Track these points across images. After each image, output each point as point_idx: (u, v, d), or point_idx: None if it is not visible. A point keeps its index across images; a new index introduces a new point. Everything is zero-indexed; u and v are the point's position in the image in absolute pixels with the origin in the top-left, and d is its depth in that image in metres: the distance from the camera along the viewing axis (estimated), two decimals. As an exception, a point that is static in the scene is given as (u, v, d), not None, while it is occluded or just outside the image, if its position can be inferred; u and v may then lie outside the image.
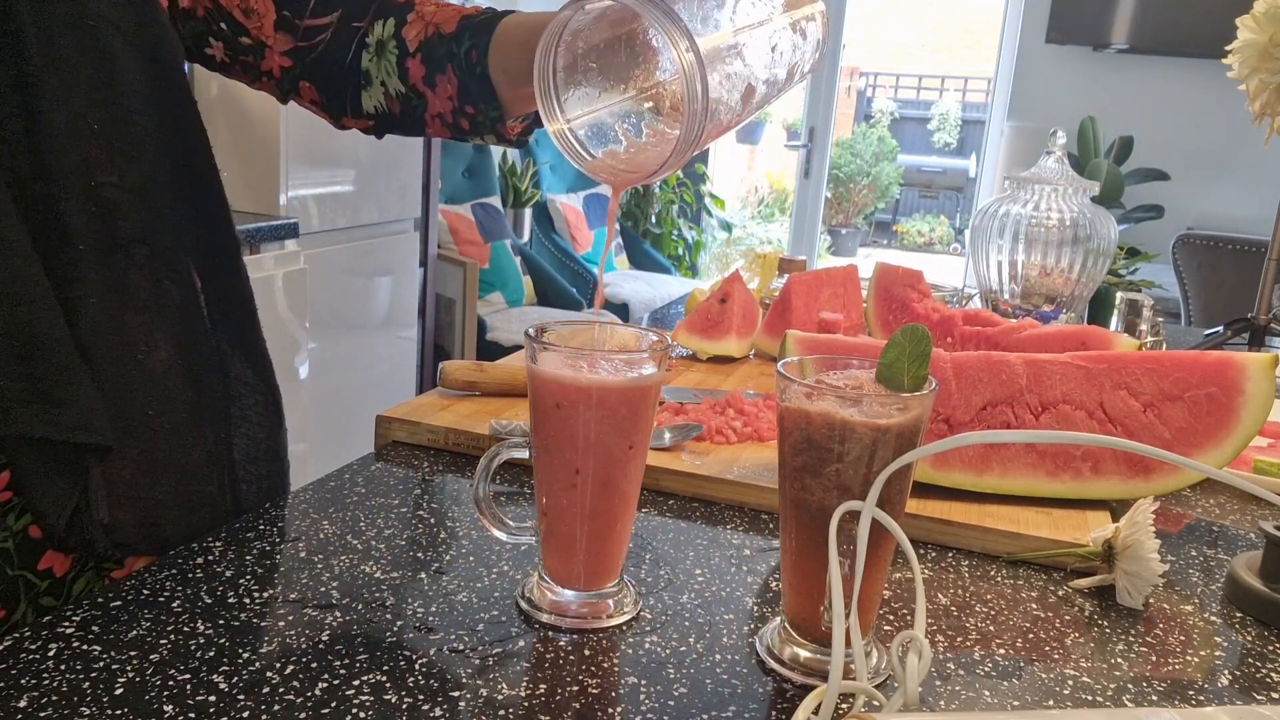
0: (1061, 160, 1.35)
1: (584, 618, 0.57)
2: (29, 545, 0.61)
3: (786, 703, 0.51)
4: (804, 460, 0.51)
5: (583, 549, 0.57)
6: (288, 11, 0.78)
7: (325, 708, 0.47)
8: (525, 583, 0.60)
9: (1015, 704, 0.52)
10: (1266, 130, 1.23)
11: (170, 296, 0.68)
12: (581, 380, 0.54)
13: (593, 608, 0.58)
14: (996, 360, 0.79)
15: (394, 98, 0.81)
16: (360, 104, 0.82)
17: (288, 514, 0.69)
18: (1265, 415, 0.74)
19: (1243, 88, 1.23)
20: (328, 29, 0.80)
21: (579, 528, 0.57)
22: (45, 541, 0.61)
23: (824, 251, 7.55)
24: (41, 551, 0.62)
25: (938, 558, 0.69)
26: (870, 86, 10.82)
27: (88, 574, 0.65)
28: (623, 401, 0.55)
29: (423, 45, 0.79)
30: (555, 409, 0.55)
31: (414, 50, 0.79)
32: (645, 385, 0.56)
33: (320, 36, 0.80)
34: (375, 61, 0.81)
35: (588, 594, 0.58)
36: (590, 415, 0.55)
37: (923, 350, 0.51)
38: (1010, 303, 1.37)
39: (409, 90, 0.80)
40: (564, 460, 0.56)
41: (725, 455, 0.81)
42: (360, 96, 0.82)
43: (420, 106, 0.81)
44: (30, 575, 0.61)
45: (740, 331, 1.14)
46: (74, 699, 0.47)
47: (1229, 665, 0.57)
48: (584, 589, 0.58)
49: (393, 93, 0.81)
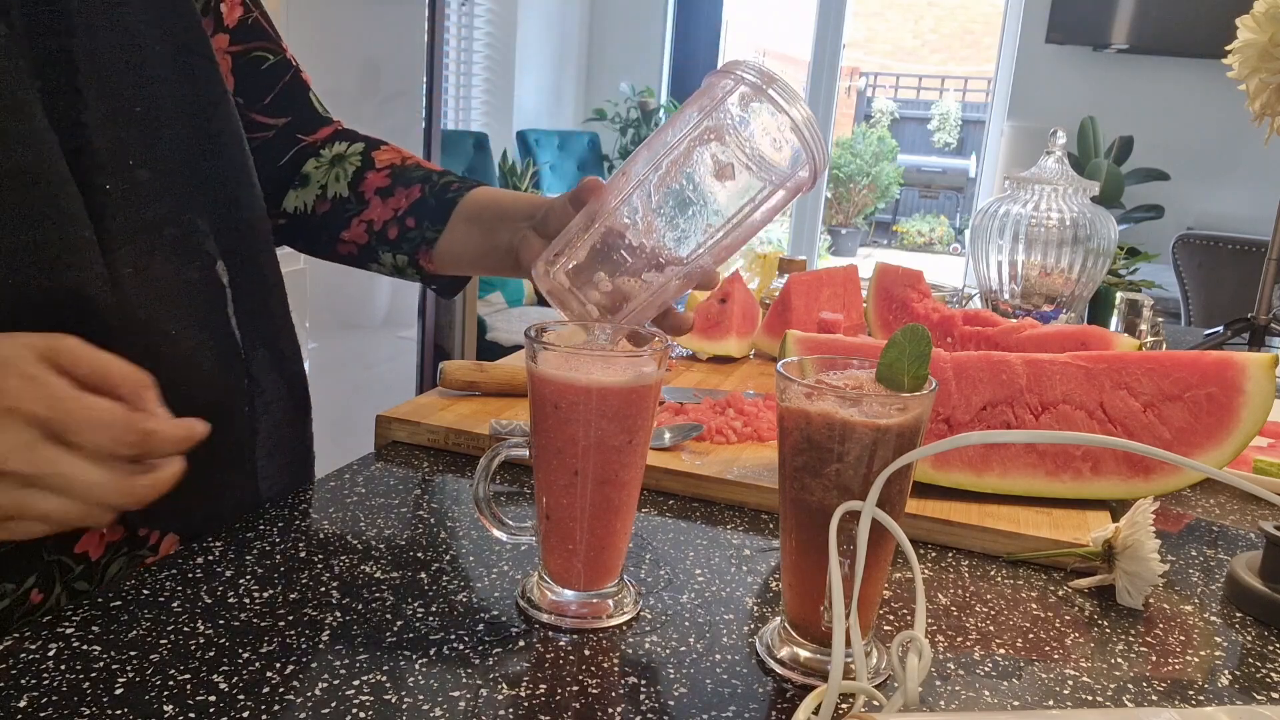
0: (1061, 160, 1.35)
1: (584, 618, 0.57)
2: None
3: (786, 703, 0.51)
4: (804, 460, 0.51)
5: (583, 549, 0.57)
6: (242, 99, 0.81)
7: (325, 708, 0.47)
8: (525, 583, 0.60)
9: (1015, 704, 0.52)
10: (1266, 130, 1.23)
11: (194, 282, 0.68)
12: (581, 380, 0.54)
13: (593, 608, 0.58)
14: (996, 360, 0.79)
15: (327, 200, 0.85)
16: (281, 201, 0.86)
17: (288, 514, 0.69)
18: (1265, 415, 0.74)
19: (1243, 88, 1.23)
20: (272, 130, 0.85)
21: (579, 527, 0.57)
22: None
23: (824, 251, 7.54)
24: (78, 535, 0.62)
25: (938, 558, 0.69)
26: (870, 86, 10.82)
27: (120, 559, 0.65)
28: (623, 402, 0.55)
29: (395, 168, 0.85)
30: (554, 409, 0.55)
31: (381, 168, 0.85)
32: (645, 385, 0.55)
33: (262, 133, 0.84)
34: (324, 169, 0.86)
35: (588, 594, 0.58)
36: (590, 415, 0.55)
37: (923, 350, 0.51)
38: (1010, 303, 1.37)
39: (352, 195, 0.85)
40: (564, 460, 0.56)
41: (725, 455, 0.81)
42: (285, 194, 0.86)
43: (352, 212, 0.85)
44: (66, 559, 0.62)
45: (740, 331, 1.14)
46: (74, 699, 0.47)
47: (1229, 665, 0.57)
48: (584, 589, 0.58)
49: (329, 195, 0.85)
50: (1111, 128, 3.70)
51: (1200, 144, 3.92)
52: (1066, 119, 3.52)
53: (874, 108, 10.24)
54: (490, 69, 4.26)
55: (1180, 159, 3.86)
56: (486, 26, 4.20)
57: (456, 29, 4.06)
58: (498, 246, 0.80)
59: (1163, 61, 3.90)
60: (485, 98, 4.28)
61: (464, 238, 0.82)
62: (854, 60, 10.25)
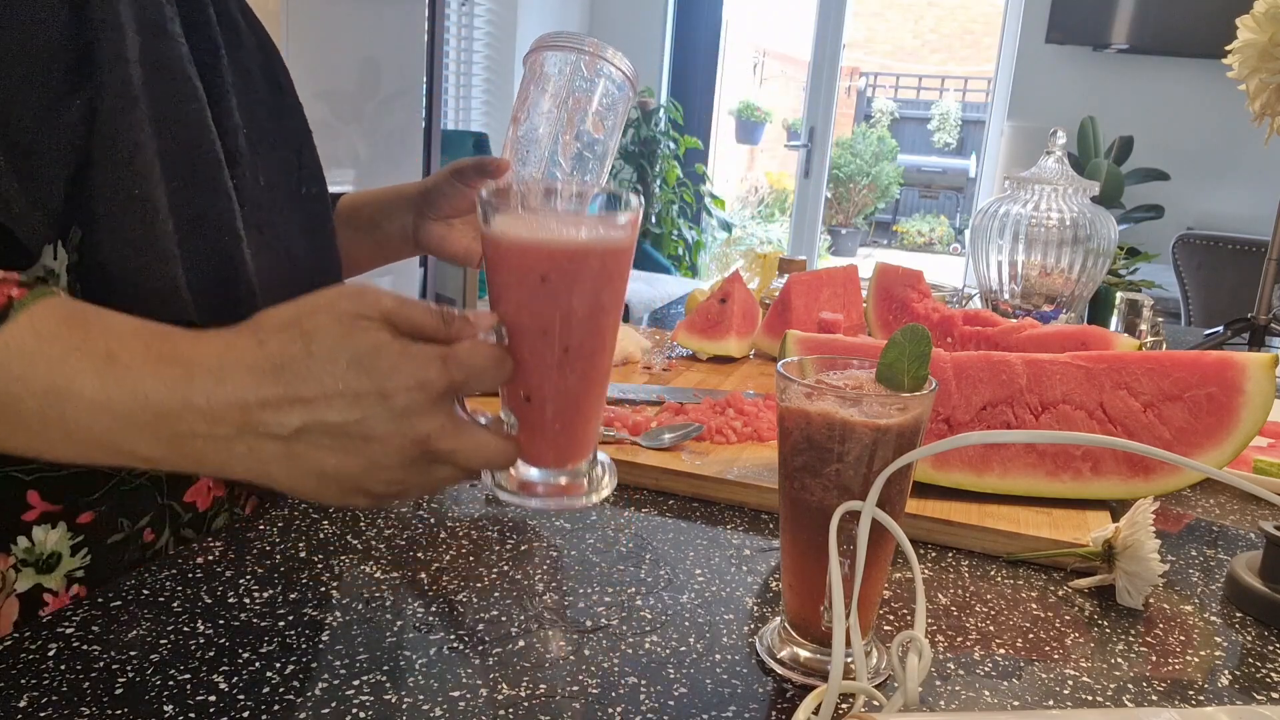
0: (1061, 160, 1.35)
1: (577, 493, 0.53)
2: (177, 476, 0.66)
3: (786, 703, 0.51)
4: (804, 460, 0.51)
5: (575, 426, 0.52)
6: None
7: (325, 708, 0.47)
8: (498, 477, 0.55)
9: (1015, 704, 0.52)
10: (1266, 130, 1.23)
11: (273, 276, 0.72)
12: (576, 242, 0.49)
13: (576, 485, 0.53)
14: (996, 360, 0.79)
15: None
16: None
17: (288, 514, 0.69)
18: (1265, 415, 0.74)
19: (1243, 88, 1.23)
20: None
21: (567, 405, 0.52)
22: (192, 474, 0.67)
23: (824, 251, 7.55)
24: (189, 483, 0.67)
25: (938, 558, 0.69)
26: (870, 86, 10.82)
27: (224, 514, 0.70)
28: (619, 262, 0.50)
29: None
30: (542, 282, 0.49)
31: None
32: (632, 240, 0.51)
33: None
34: None
35: (573, 471, 0.53)
36: (587, 281, 0.49)
37: (923, 350, 0.51)
38: (1010, 303, 1.37)
39: None
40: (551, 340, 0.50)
41: (725, 455, 0.81)
42: None
43: None
44: (176, 506, 0.67)
45: (740, 331, 1.14)
46: (74, 699, 0.47)
47: (1229, 665, 0.57)
48: (571, 465, 0.53)
49: None
50: (1111, 128, 3.70)
51: (1200, 144, 3.91)
52: (1066, 119, 3.52)
53: (874, 108, 10.24)
54: (490, 69, 4.26)
55: (1180, 159, 3.86)
56: (486, 26, 4.19)
57: (456, 29, 4.06)
58: (389, 237, 0.92)
59: (1163, 61, 3.90)
60: (485, 98, 4.28)
61: (350, 242, 0.91)
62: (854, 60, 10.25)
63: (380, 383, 0.45)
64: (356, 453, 0.45)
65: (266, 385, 0.45)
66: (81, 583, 0.62)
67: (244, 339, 0.46)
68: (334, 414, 0.45)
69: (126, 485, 0.63)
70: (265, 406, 0.45)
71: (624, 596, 0.60)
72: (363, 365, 0.45)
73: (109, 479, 0.62)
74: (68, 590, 0.62)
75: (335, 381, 0.45)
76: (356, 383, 0.45)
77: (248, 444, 0.45)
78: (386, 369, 0.45)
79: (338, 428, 0.45)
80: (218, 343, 0.46)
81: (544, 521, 0.70)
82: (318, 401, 0.45)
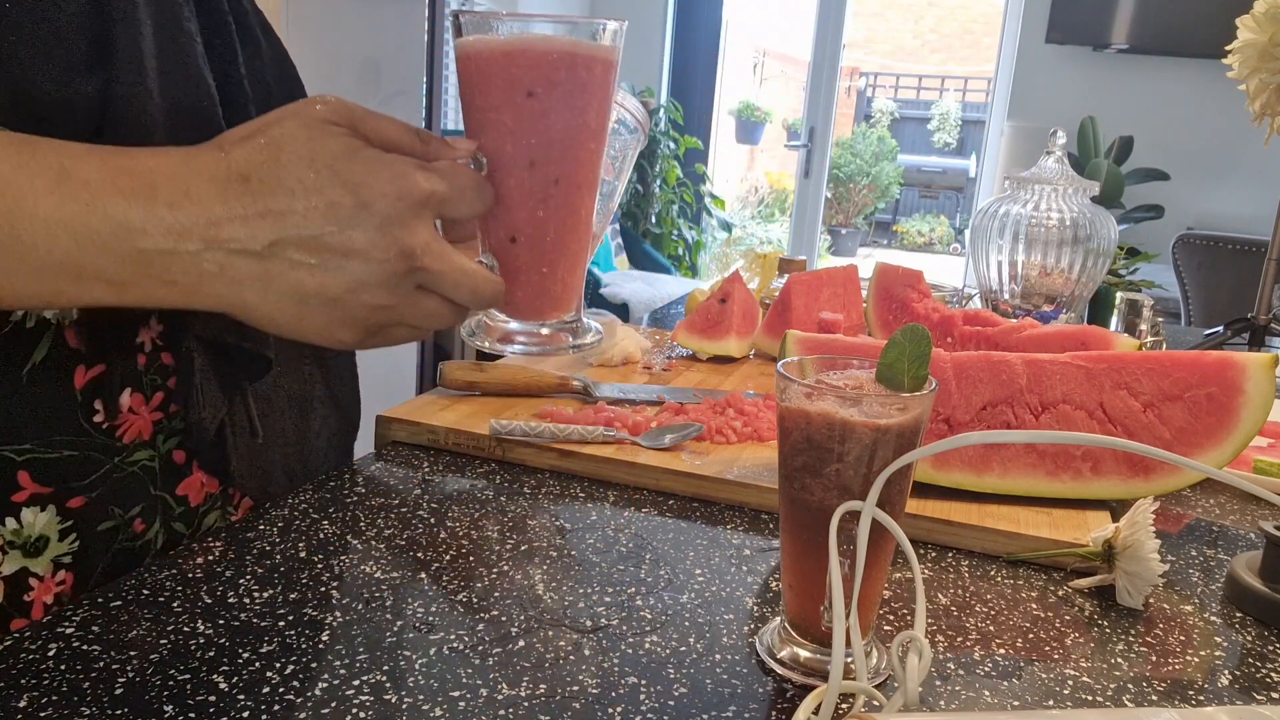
0: (1061, 160, 1.35)
1: (561, 342, 0.52)
2: (171, 469, 0.65)
3: (786, 703, 0.51)
4: (804, 460, 0.51)
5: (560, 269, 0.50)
6: None
7: (325, 708, 0.47)
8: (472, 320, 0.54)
9: (1015, 704, 0.52)
10: (1266, 130, 1.23)
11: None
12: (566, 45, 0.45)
13: (564, 332, 0.52)
14: (996, 360, 0.79)
15: None
16: None
17: (288, 514, 0.69)
18: (1265, 415, 0.74)
19: (1243, 88, 1.23)
20: None
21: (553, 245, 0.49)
22: (186, 468, 0.65)
23: (824, 251, 7.55)
24: (182, 477, 0.66)
25: (938, 558, 0.69)
26: (870, 86, 10.83)
27: (216, 511, 0.69)
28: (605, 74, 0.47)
29: None
30: (529, 97, 0.46)
31: None
32: (617, 48, 0.48)
33: None
34: None
35: (562, 322, 0.52)
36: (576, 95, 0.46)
37: (923, 350, 0.51)
38: (1010, 303, 1.37)
39: None
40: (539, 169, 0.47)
41: (725, 455, 0.81)
42: None
43: None
44: (169, 498, 0.65)
45: (740, 331, 1.14)
46: (74, 699, 0.47)
47: (1229, 665, 0.57)
48: (561, 314, 0.52)
49: None
50: (1111, 128, 3.70)
51: (1200, 144, 3.92)
52: (1066, 119, 3.52)
53: (874, 108, 10.25)
54: (490, 69, 4.26)
55: (1180, 159, 3.86)
56: (486, 26, 4.20)
57: (456, 29, 4.06)
58: None
59: (1163, 61, 3.90)
60: (485, 98, 4.28)
61: None
62: (854, 60, 10.26)
63: (356, 190, 0.42)
64: (338, 269, 0.43)
65: (233, 196, 0.42)
66: (69, 569, 0.61)
67: (207, 151, 0.44)
68: (309, 225, 0.42)
69: (120, 471, 0.62)
70: (234, 219, 0.42)
71: (624, 596, 0.60)
72: (336, 171, 0.42)
73: (102, 464, 0.61)
74: (54, 575, 0.61)
75: (307, 190, 0.42)
76: (330, 190, 0.42)
77: (218, 261, 0.42)
78: (362, 174, 0.42)
79: (314, 240, 0.42)
80: (178, 155, 0.44)
81: (544, 521, 0.70)
82: (291, 213, 0.42)
